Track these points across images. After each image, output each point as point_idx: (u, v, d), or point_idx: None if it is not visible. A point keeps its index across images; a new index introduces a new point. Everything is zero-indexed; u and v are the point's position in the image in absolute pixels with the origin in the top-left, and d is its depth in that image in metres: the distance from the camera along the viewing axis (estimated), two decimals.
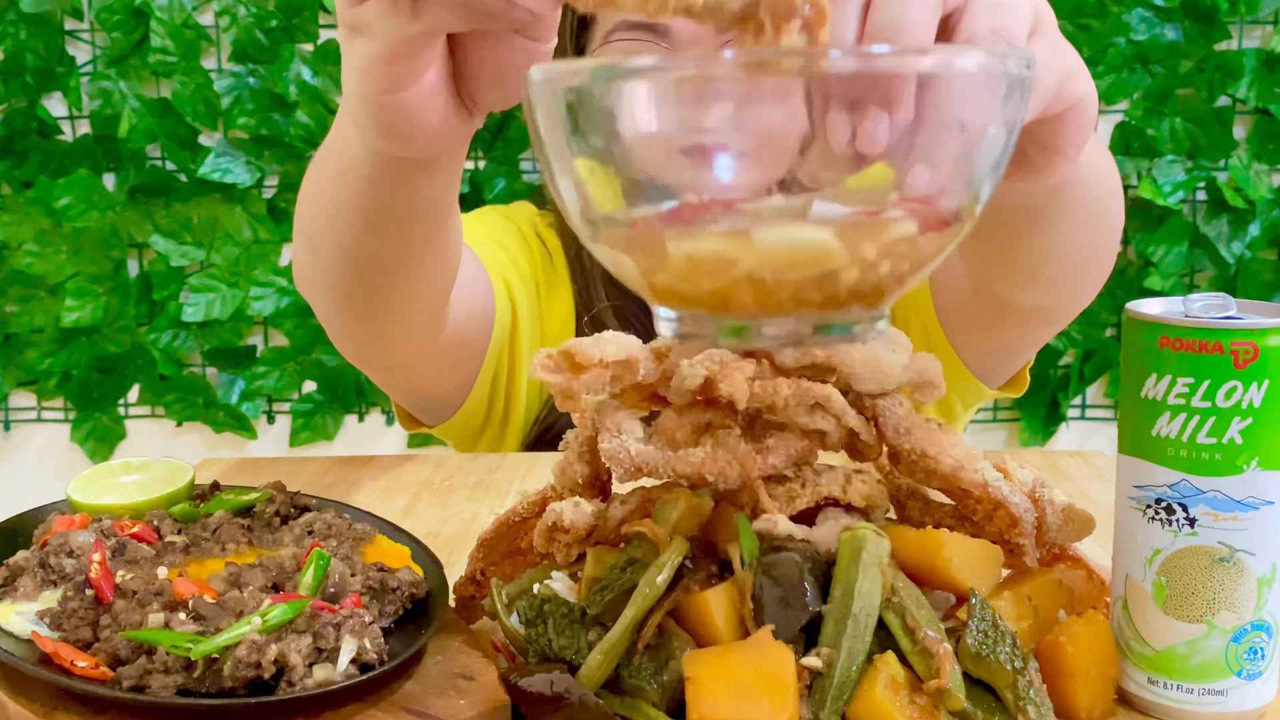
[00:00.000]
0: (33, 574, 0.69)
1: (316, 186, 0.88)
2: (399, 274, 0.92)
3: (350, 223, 0.84)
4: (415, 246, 0.89)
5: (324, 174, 0.85)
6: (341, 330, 1.01)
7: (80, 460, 2.07)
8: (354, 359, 1.07)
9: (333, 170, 0.82)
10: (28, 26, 1.94)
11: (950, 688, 0.58)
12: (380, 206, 0.81)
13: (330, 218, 0.86)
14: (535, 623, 0.63)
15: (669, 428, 0.69)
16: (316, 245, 0.90)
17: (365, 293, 0.93)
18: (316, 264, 0.92)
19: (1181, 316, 0.63)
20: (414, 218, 0.84)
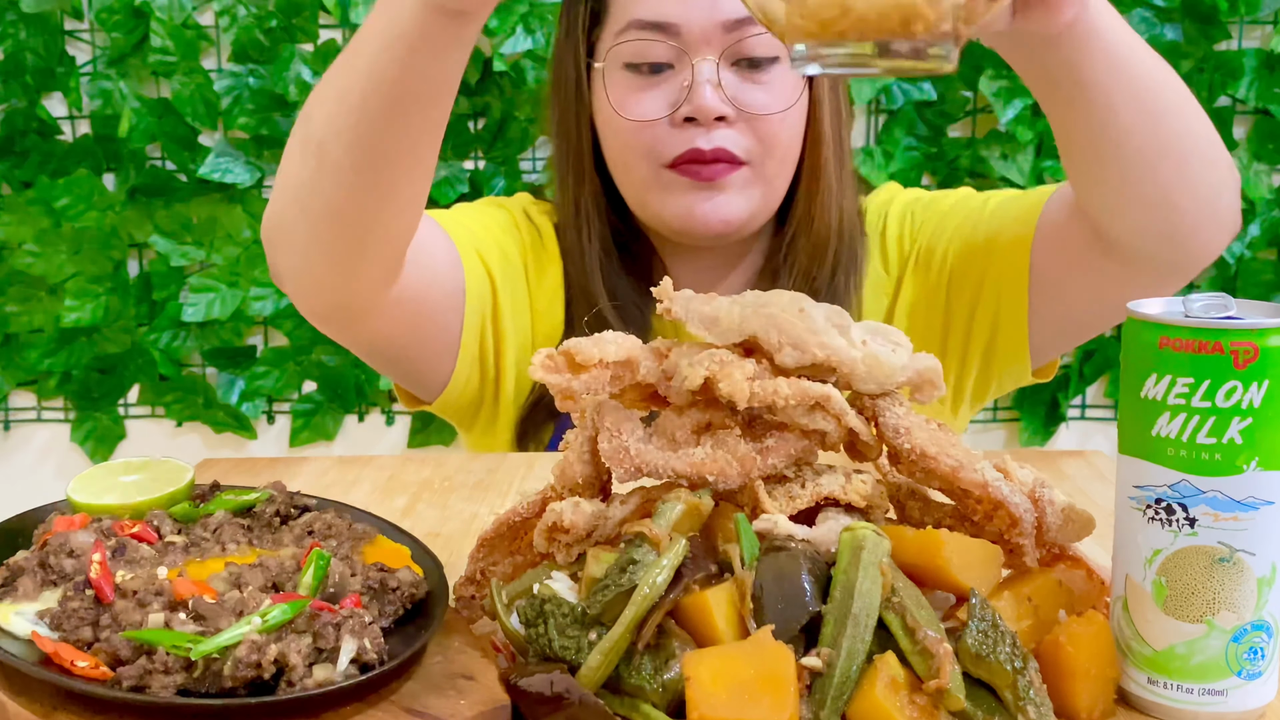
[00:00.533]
0: (33, 574, 0.69)
1: (342, 79, 0.95)
2: (398, 176, 1.00)
3: (378, 101, 0.93)
4: (425, 140, 0.98)
5: (354, 61, 0.93)
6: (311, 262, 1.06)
7: (80, 460, 2.07)
8: (314, 305, 1.12)
9: (369, 51, 0.92)
10: (28, 26, 1.94)
11: (950, 688, 0.58)
12: (414, 77, 0.91)
13: (356, 104, 0.94)
14: (535, 623, 0.63)
15: (669, 428, 0.69)
16: (325, 144, 0.97)
17: (358, 202, 1.00)
18: (319, 171, 0.98)
19: (1181, 316, 0.63)
20: (436, 96, 0.95)
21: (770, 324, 0.68)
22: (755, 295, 0.71)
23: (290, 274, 1.09)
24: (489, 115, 1.96)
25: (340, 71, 0.96)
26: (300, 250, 1.06)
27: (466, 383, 1.27)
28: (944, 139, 1.94)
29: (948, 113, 1.94)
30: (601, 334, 0.70)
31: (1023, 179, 1.92)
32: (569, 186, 1.32)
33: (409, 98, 0.93)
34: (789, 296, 0.70)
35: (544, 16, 1.91)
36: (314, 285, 1.10)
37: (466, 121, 1.96)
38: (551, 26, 1.91)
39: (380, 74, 0.92)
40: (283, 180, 1.05)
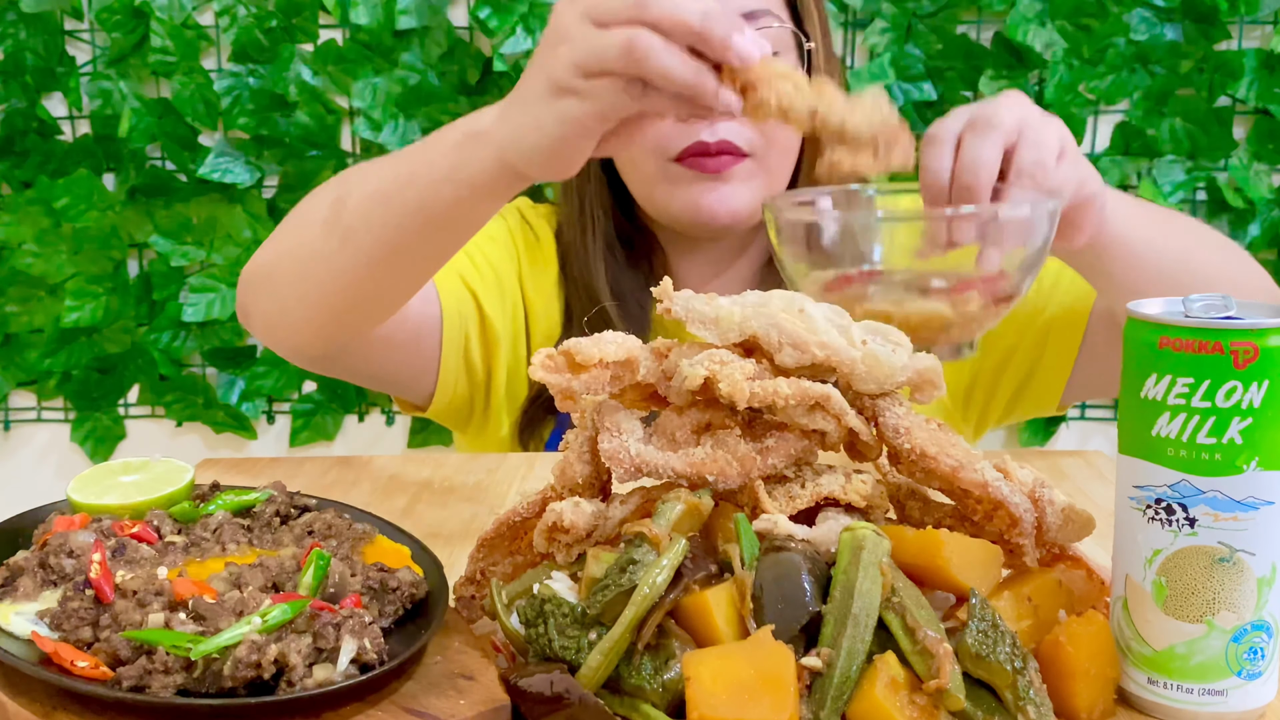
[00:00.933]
0: (33, 574, 0.69)
1: (390, 185, 1.00)
2: (418, 272, 1.07)
3: (423, 219, 0.99)
4: (452, 249, 1.05)
5: (408, 174, 0.98)
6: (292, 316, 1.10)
7: (80, 460, 2.07)
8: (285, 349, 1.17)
9: (428, 178, 0.97)
10: (28, 26, 1.94)
11: (950, 688, 0.58)
12: (465, 212, 0.98)
13: (397, 211, 0.99)
14: (535, 623, 0.63)
15: (669, 428, 0.69)
16: (355, 231, 1.02)
17: (370, 283, 1.05)
18: (340, 252, 1.03)
19: (1181, 316, 0.63)
20: (477, 225, 1.02)
21: (770, 324, 0.68)
22: (755, 295, 0.71)
23: (264, 321, 1.14)
24: None
25: (390, 177, 1.01)
26: (282, 304, 1.10)
27: (454, 392, 1.30)
28: None
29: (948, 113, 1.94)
30: (601, 334, 0.70)
31: None
32: (573, 184, 1.33)
33: (453, 224, 1.00)
34: (789, 296, 0.70)
35: (544, 17, 1.91)
36: (289, 335, 1.15)
37: None
38: None
39: (434, 201, 0.97)
40: (288, 241, 1.10)
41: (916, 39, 1.91)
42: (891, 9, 1.90)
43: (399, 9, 1.90)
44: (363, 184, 1.04)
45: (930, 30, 1.91)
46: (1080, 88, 1.91)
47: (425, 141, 1.01)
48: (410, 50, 1.92)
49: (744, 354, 0.70)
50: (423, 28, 1.92)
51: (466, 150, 0.95)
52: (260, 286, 1.13)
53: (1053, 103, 1.90)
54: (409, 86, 1.92)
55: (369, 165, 1.08)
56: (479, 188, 0.95)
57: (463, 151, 0.95)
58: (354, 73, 1.92)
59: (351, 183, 1.06)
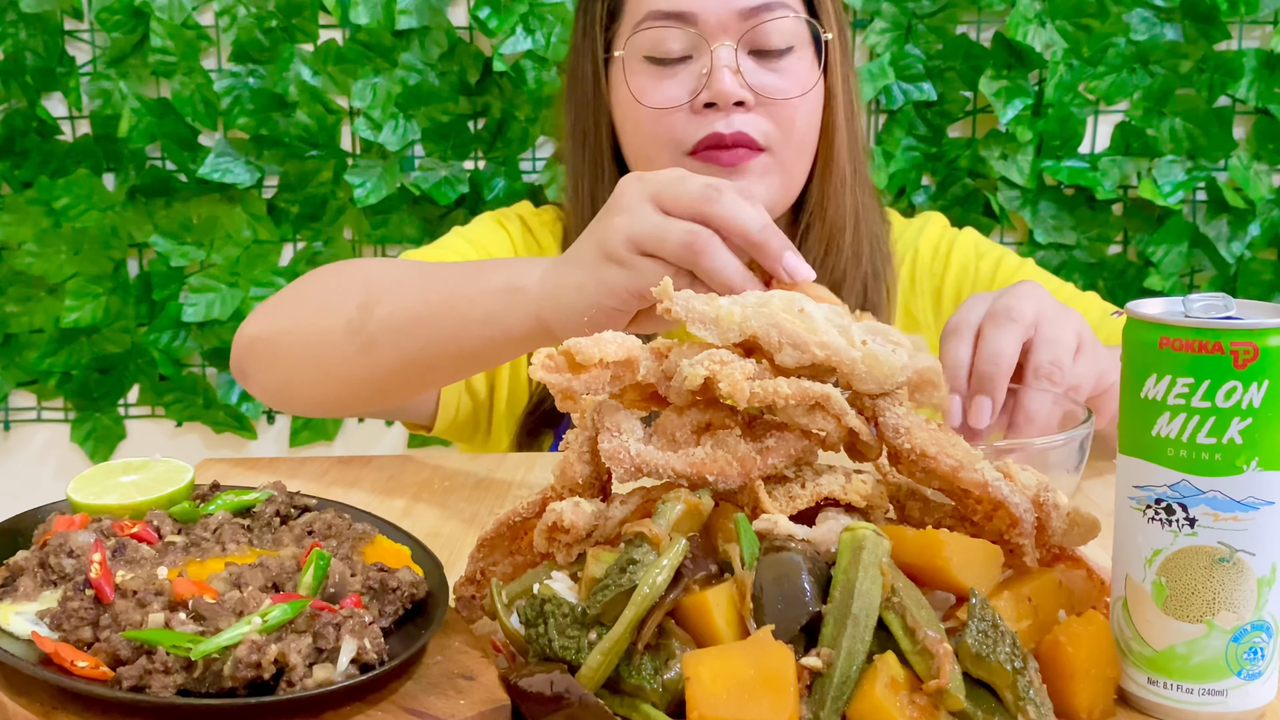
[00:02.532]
0: (33, 574, 0.69)
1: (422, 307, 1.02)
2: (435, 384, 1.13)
3: (449, 354, 1.02)
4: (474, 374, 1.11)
5: (448, 312, 1.00)
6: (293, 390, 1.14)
7: (80, 460, 2.07)
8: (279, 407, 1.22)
9: (461, 316, 1.00)
10: (28, 26, 1.94)
11: (950, 688, 0.58)
12: (492, 353, 1.01)
13: (423, 336, 1.02)
14: (535, 623, 0.63)
15: (669, 428, 0.69)
16: (377, 340, 1.04)
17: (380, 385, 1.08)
18: (356, 354, 1.05)
19: (1181, 316, 0.63)
20: (503, 361, 1.04)
21: (770, 324, 0.68)
22: (755, 295, 0.71)
23: (265, 389, 1.17)
24: (489, 115, 1.95)
25: (425, 300, 1.03)
26: (288, 380, 1.12)
27: (457, 412, 1.32)
28: (944, 139, 1.94)
29: (948, 113, 1.94)
30: (601, 334, 0.70)
31: (1022, 179, 1.92)
32: (585, 185, 1.33)
33: (481, 359, 1.04)
34: (789, 296, 0.70)
35: (544, 17, 1.91)
36: (290, 404, 1.19)
37: (466, 121, 1.96)
38: (552, 26, 1.91)
39: (466, 338, 1.00)
40: (302, 323, 1.11)
41: (916, 39, 1.91)
42: (891, 9, 1.90)
43: (399, 9, 1.90)
44: (395, 296, 1.05)
45: (930, 30, 1.91)
46: (1080, 88, 1.91)
47: (467, 272, 1.03)
48: (410, 50, 1.92)
49: (744, 354, 0.70)
50: (423, 28, 1.92)
51: (507, 300, 0.97)
52: (265, 358, 1.14)
53: (1053, 103, 1.90)
54: (409, 86, 1.92)
55: (403, 271, 1.09)
56: (512, 339, 0.98)
57: (503, 300, 0.97)
58: (354, 73, 1.92)
59: (382, 287, 1.07)
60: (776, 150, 1.25)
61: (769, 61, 1.25)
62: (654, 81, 1.26)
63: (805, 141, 1.28)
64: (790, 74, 1.26)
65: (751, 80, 1.23)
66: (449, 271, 1.05)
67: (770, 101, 1.24)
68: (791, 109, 1.25)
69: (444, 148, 1.95)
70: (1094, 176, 1.91)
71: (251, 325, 1.16)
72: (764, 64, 1.25)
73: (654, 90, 1.25)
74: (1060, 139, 1.92)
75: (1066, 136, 1.92)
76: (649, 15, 1.25)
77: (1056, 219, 1.95)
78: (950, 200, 1.95)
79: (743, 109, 1.24)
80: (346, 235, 1.99)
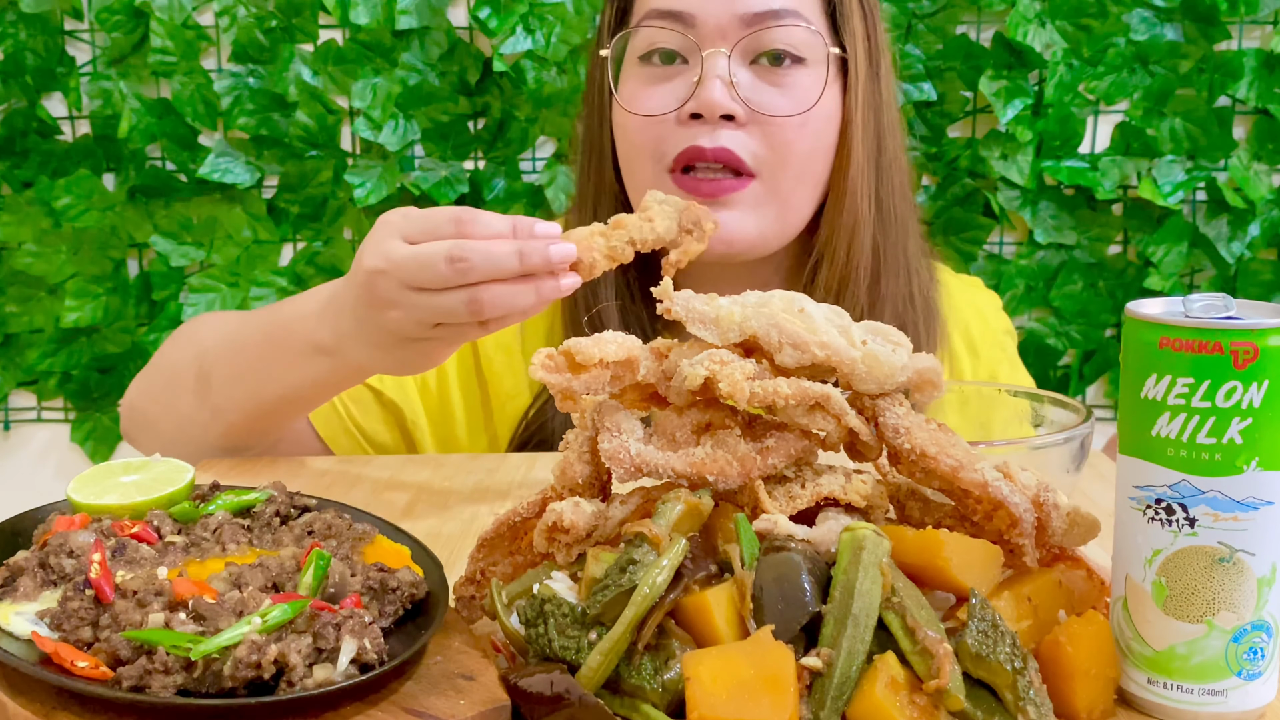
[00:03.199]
0: (33, 574, 0.69)
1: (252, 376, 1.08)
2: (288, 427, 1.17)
3: (287, 403, 1.09)
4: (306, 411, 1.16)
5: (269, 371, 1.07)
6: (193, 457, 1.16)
7: (80, 460, 2.07)
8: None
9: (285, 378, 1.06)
10: (28, 26, 1.94)
11: (950, 688, 0.58)
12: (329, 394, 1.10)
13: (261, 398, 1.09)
14: (535, 623, 0.63)
15: (669, 428, 0.69)
16: (226, 414, 1.11)
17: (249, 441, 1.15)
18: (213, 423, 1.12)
19: (1181, 316, 0.63)
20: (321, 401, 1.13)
21: (770, 324, 0.68)
22: (755, 295, 0.71)
23: (147, 449, 1.19)
24: (489, 115, 1.95)
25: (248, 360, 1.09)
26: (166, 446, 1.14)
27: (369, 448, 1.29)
28: (944, 139, 1.94)
29: (948, 113, 1.94)
30: (601, 334, 0.70)
31: (1022, 179, 1.92)
32: (589, 196, 1.25)
33: (314, 402, 1.12)
34: (789, 296, 0.70)
35: (544, 17, 1.91)
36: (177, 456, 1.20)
37: (466, 121, 1.96)
38: (552, 26, 1.91)
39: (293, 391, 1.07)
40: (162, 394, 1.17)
41: (916, 39, 1.91)
42: (891, 9, 1.90)
43: (399, 9, 1.90)
44: (224, 368, 1.11)
45: (930, 30, 1.91)
46: (1080, 88, 1.91)
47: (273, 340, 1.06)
48: (410, 50, 1.92)
49: (744, 354, 0.70)
50: (423, 28, 1.92)
51: (318, 364, 1.03)
52: (141, 427, 1.21)
53: (1053, 103, 1.90)
54: (409, 86, 1.92)
55: (227, 341, 1.13)
56: (340, 387, 1.08)
57: (316, 365, 1.03)
58: (354, 73, 1.92)
59: (214, 361, 1.12)
60: (768, 176, 1.14)
61: (772, 72, 1.14)
62: (645, 86, 1.16)
63: (806, 169, 1.16)
64: (793, 90, 1.14)
65: (746, 93, 1.12)
66: (259, 338, 1.09)
67: (765, 119, 1.13)
68: (789, 129, 1.13)
69: (444, 148, 1.95)
70: (1094, 176, 1.92)
71: (128, 396, 1.22)
72: (765, 76, 1.14)
73: (643, 96, 1.16)
74: (1060, 139, 1.92)
75: (1066, 136, 1.92)
76: (647, 14, 1.16)
77: (1056, 219, 1.95)
78: (950, 200, 1.95)
79: (733, 124, 1.13)
80: (346, 235, 1.99)
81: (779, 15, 1.14)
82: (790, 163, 1.15)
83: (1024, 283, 1.96)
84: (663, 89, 1.16)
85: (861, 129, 1.18)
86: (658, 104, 1.15)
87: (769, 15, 1.13)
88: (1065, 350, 1.99)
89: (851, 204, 1.18)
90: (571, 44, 1.91)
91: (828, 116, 1.17)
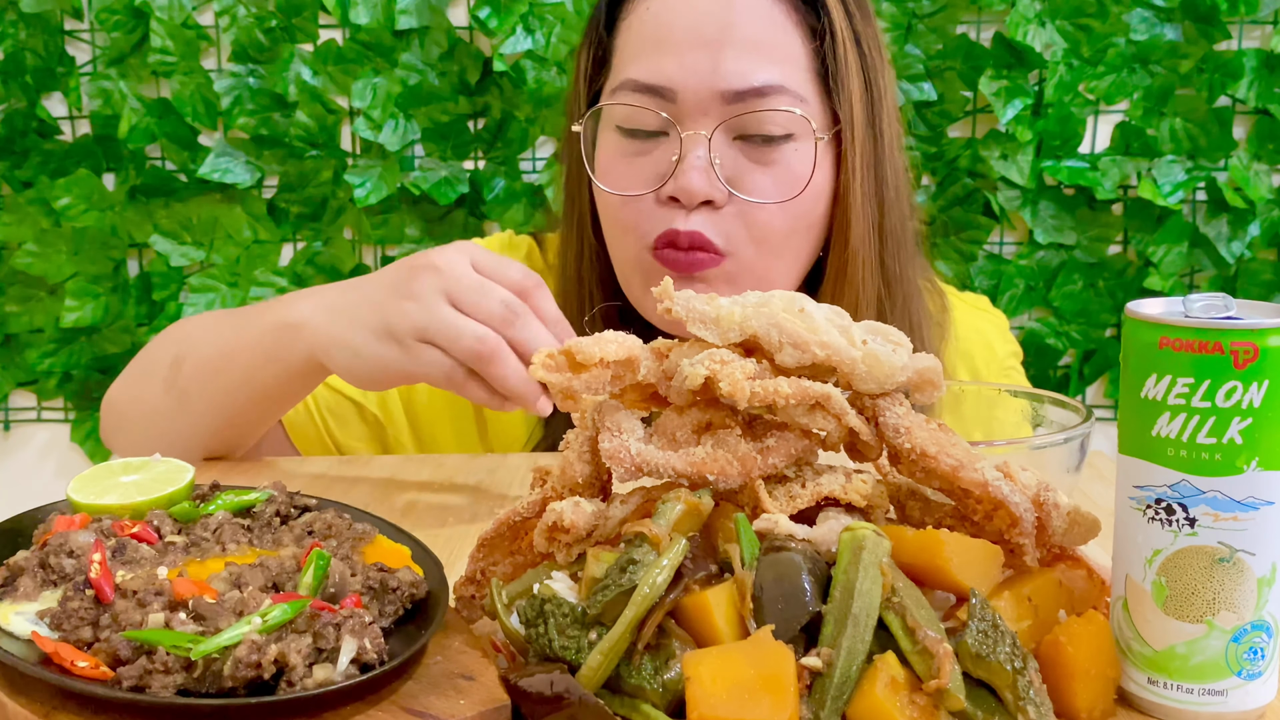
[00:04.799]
0: (33, 574, 0.69)
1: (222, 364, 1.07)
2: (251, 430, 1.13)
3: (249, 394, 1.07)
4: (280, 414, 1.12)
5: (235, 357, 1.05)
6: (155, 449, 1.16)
7: (80, 460, 2.07)
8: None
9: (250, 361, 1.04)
10: (28, 26, 1.94)
11: (950, 688, 0.58)
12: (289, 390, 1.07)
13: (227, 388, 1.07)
14: (535, 623, 0.63)
15: (669, 427, 0.69)
16: (192, 403, 1.09)
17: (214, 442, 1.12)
18: (180, 413, 1.10)
19: (1181, 316, 0.63)
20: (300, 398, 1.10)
21: (770, 323, 0.68)
22: (756, 295, 0.71)
23: (120, 450, 1.19)
24: (489, 115, 1.96)
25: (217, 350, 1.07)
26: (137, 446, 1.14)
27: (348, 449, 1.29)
28: (944, 139, 1.94)
29: (948, 113, 1.94)
30: (602, 333, 0.70)
31: (1022, 179, 1.92)
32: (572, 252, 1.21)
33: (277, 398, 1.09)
34: (789, 296, 0.70)
35: (544, 17, 1.91)
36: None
37: (466, 121, 1.96)
38: (552, 26, 1.91)
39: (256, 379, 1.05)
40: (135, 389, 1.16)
41: (916, 39, 1.91)
42: (891, 9, 1.90)
43: (399, 9, 1.90)
44: (197, 350, 1.10)
45: (930, 30, 1.91)
46: (1080, 88, 1.91)
47: (252, 314, 1.06)
48: (410, 50, 1.92)
49: (744, 354, 0.70)
50: (423, 28, 1.92)
51: (282, 339, 1.00)
52: (115, 426, 1.19)
53: (1053, 103, 1.90)
54: (409, 86, 1.92)
55: (204, 326, 1.13)
56: (294, 374, 1.03)
57: (278, 339, 1.00)
58: (354, 73, 1.92)
59: (189, 345, 1.11)
60: (740, 256, 1.09)
61: (757, 151, 1.08)
62: (622, 160, 1.11)
63: (787, 246, 1.10)
64: (780, 170, 1.08)
65: (728, 174, 1.07)
66: (242, 316, 1.08)
67: (745, 202, 1.08)
68: (769, 211, 1.08)
69: (444, 148, 1.95)
70: (1094, 176, 1.92)
71: (106, 395, 1.21)
72: (750, 154, 1.08)
73: (619, 174, 1.10)
74: (1060, 139, 1.92)
75: (1066, 136, 1.92)
76: (625, 84, 1.09)
77: (1056, 219, 1.95)
78: (950, 200, 1.95)
79: (710, 207, 1.08)
80: (346, 235, 1.99)
81: (763, 93, 1.06)
82: (768, 241, 1.10)
83: (1024, 283, 1.96)
84: (641, 164, 1.10)
85: (861, 201, 1.12)
86: (634, 183, 1.10)
87: (753, 94, 1.06)
88: (1065, 350, 1.99)
89: (853, 278, 1.13)
90: (571, 44, 1.91)
91: (818, 194, 1.11)
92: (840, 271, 1.13)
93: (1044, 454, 0.84)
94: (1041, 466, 0.82)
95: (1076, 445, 0.86)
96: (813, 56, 1.10)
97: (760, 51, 1.07)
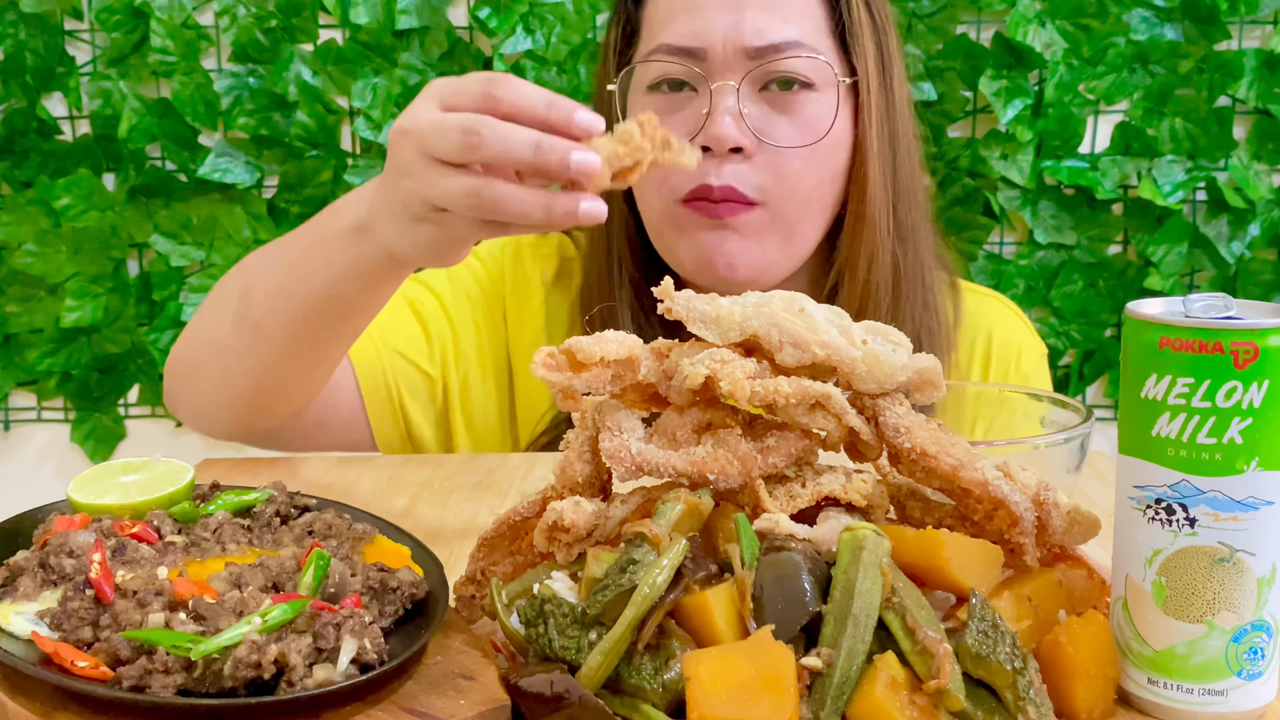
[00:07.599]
0: (33, 574, 0.69)
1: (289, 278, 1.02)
2: (325, 359, 1.09)
3: (327, 312, 1.01)
4: (353, 335, 1.08)
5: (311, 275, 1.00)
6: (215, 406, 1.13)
7: (80, 460, 2.07)
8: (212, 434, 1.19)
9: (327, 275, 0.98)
10: (28, 26, 1.94)
11: (950, 688, 0.58)
12: (368, 299, 1.01)
13: (301, 305, 1.01)
14: (535, 623, 0.63)
15: (670, 427, 0.69)
16: (263, 324, 1.04)
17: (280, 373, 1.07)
18: (252, 345, 1.05)
19: (1181, 316, 0.63)
20: (378, 308, 1.04)
21: (771, 323, 0.68)
22: (756, 295, 0.71)
23: (189, 410, 1.16)
24: None
25: (288, 270, 1.02)
26: (204, 395, 1.12)
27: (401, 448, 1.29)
28: (944, 139, 1.94)
29: (948, 113, 1.94)
30: (602, 333, 0.70)
31: (1022, 179, 1.92)
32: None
33: (354, 311, 1.03)
34: (789, 296, 0.70)
35: (544, 17, 1.91)
36: (212, 423, 1.16)
37: None
38: (552, 26, 1.91)
39: (334, 293, 0.99)
40: (204, 334, 1.12)
41: (916, 39, 1.91)
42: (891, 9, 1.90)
43: (399, 9, 1.90)
44: (265, 277, 1.06)
45: (930, 30, 1.91)
46: (1080, 88, 1.91)
47: (316, 229, 1.02)
48: (410, 50, 1.92)
49: (744, 354, 0.70)
50: (423, 28, 1.92)
51: (357, 245, 0.96)
52: (182, 379, 1.16)
53: (1053, 103, 1.90)
54: (409, 86, 1.92)
55: (269, 253, 1.09)
56: (375, 279, 0.98)
57: (354, 246, 0.96)
58: (354, 73, 1.92)
59: (255, 273, 1.08)
60: (774, 205, 1.15)
61: (781, 100, 1.16)
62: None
63: (815, 195, 1.17)
64: (804, 118, 1.16)
65: (755, 124, 1.14)
66: (302, 235, 1.04)
67: (773, 150, 1.14)
68: (798, 159, 1.15)
69: None
70: (1094, 176, 1.91)
71: (172, 353, 1.18)
72: (775, 104, 1.16)
73: None
74: (1060, 139, 1.92)
75: (1066, 136, 1.92)
76: (659, 48, 1.17)
77: (1056, 219, 1.95)
78: (950, 200, 1.95)
79: (740, 156, 1.14)
80: None
81: (785, 48, 1.15)
82: (798, 191, 1.16)
83: (1024, 283, 1.96)
84: (672, 120, 1.15)
85: (877, 151, 1.19)
86: None
87: (775, 49, 1.14)
88: (1065, 350, 1.99)
89: (871, 226, 1.19)
90: (571, 44, 1.91)
91: (838, 143, 1.18)
92: (859, 218, 1.19)
93: (1044, 454, 0.84)
94: (1041, 466, 0.82)
95: (1076, 445, 0.86)
96: (828, 18, 1.19)
97: (779, 11, 1.16)
